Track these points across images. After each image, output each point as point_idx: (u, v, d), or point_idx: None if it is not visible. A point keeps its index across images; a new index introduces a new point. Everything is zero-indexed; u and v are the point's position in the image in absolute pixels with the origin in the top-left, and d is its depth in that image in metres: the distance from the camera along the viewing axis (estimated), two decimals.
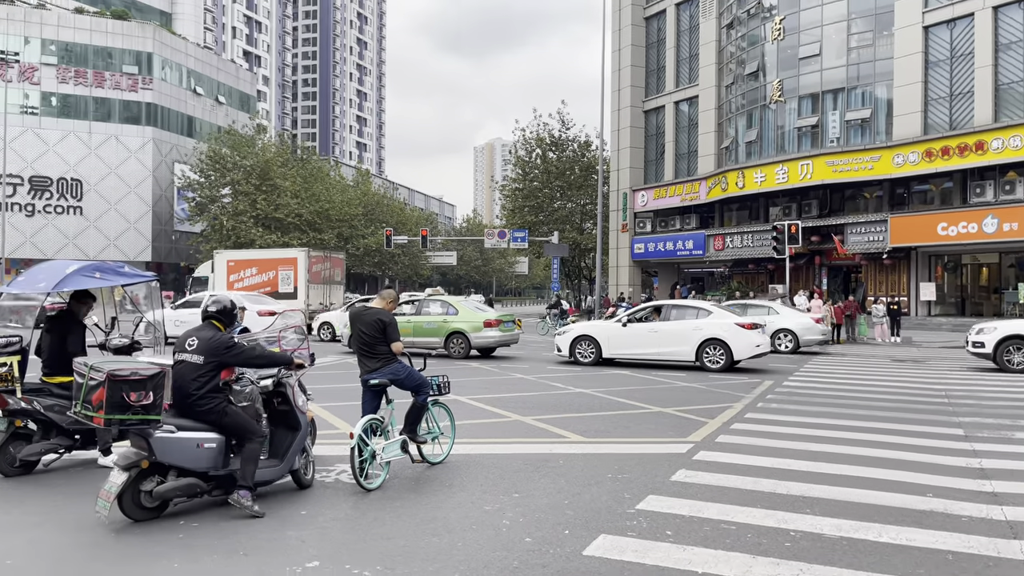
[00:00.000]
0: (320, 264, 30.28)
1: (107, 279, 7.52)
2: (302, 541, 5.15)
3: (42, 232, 54.32)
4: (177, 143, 60.62)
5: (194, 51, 64.62)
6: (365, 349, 7.12)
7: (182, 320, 20.75)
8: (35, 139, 54.45)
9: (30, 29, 55.37)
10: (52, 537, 5.25)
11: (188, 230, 58.76)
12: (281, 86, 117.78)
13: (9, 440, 6.92)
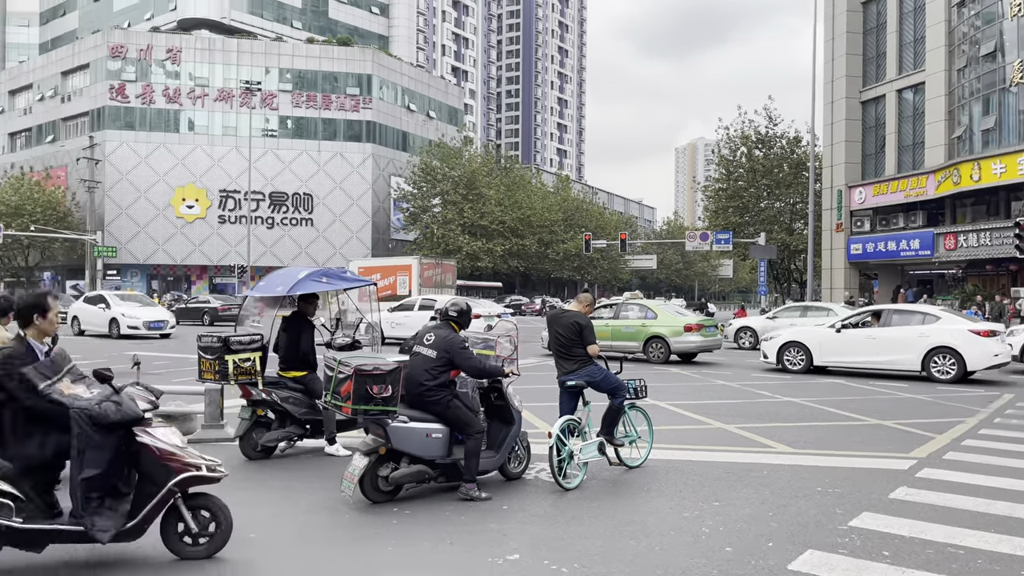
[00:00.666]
0: (431, 270, 32.76)
1: (332, 283, 8.30)
2: (503, 534, 5.35)
3: (280, 242, 60.38)
4: (393, 157, 64.95)
5: (408, 70, 68.98)
6: (562, 351, 7.27)
7: (398, 322, 22.22)
8: (274, 159, 60.69)
9: (270, 60, 61.87)
10: (290, 515, 5.85)
11: (403, 238, 62.76)
12: (486, 98, 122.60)
13: (252, 427, 7.80)
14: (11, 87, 68.09)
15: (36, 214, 52.71)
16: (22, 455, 4.39)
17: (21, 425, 4.42)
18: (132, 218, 58.04)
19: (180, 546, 4.73)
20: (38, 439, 4.44)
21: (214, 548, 4.78)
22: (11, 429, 4.40)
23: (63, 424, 4.39)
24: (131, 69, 59.08)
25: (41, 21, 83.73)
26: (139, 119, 59.04)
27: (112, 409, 4.45)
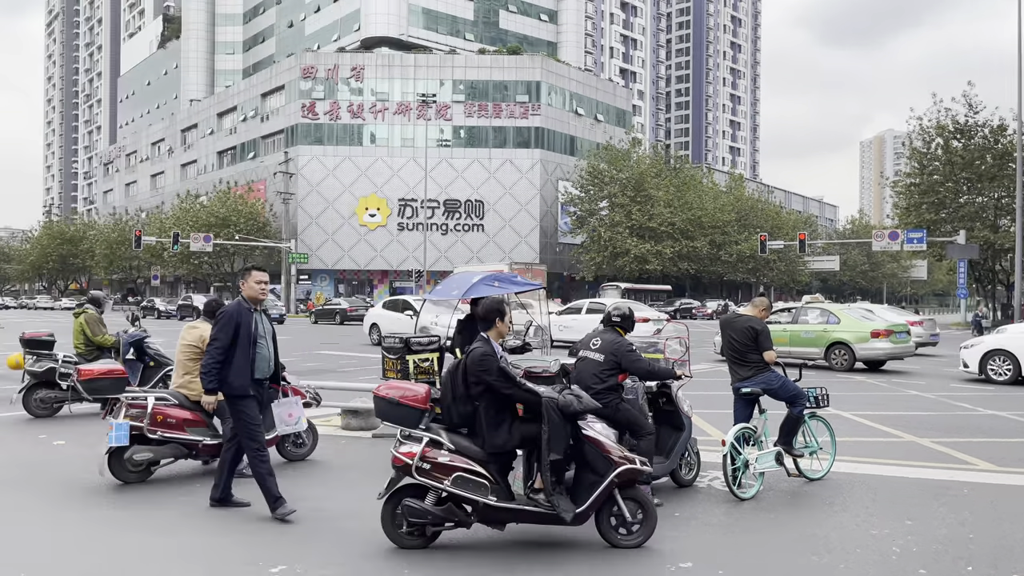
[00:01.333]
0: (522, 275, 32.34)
1: (504, 287, 8.55)
2: (676, 541, 5.28)
3: (453, 248, 62.68)
4: (560, 162, 65.59)
5: (576, 75, 69.43)
6: (736, 357, 7.06)
7: (565, 325, 22.40)
8: (448, 167, 63.13)
9: (444, 73, 64.44)
10: None
11: (570, 242, 63.19)
12: (655, 98, 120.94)
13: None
14: (219, 110, 75.38)
15: (240, 224, 57.97)
16: (494, 442, 5.00)
17: (498, 415, 5.05)
18: (321, 227, 62.42)
19: (613, 535, 5.14)
20: (507, 427, 5.04)
21: (644, 537, 5.14)
22: (491, 419, 5.02)
23: (531, 413, 5.05)
24: (320, 88, 63.63)
25: (244, 48, 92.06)
26: (327, 134, 63.45)
27: (575, 402, 5.05)
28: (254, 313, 5.80)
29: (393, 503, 5.03)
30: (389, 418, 5.25)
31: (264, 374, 5.82)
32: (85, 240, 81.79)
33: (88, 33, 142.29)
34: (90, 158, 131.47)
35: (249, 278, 5.88)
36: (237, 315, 5.70)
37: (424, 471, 4.86)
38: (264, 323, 5.89)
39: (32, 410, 10.36)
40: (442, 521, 4.95)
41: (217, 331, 5.68)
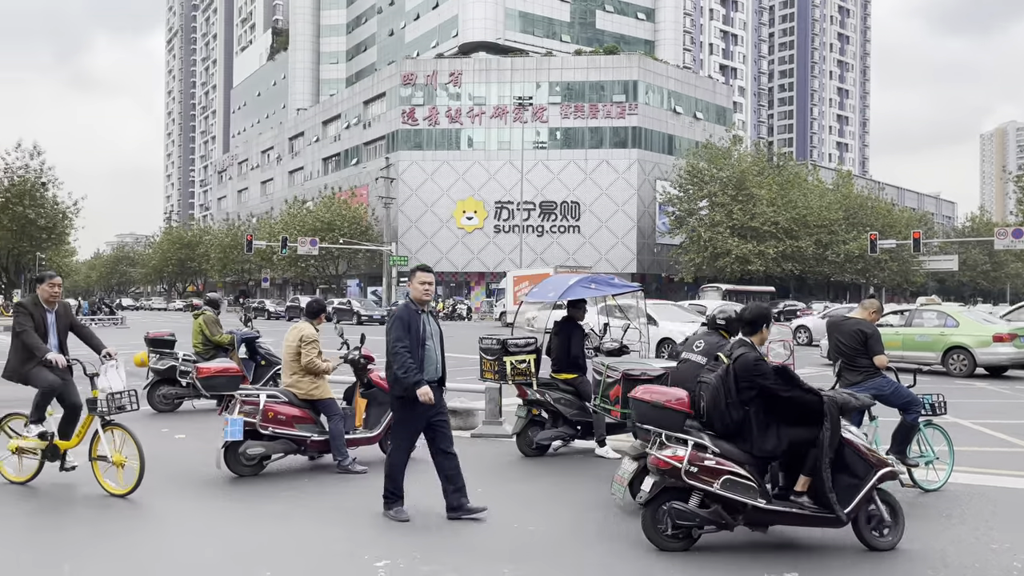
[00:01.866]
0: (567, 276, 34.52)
1: (600, 289, 8.54)
2: (781, 549, 5.15)
3: (549, 250, 62.78)
4: (658, 161, 64.67)
5: (674, 73, 68.34)
6: (844, 361, 6.80)
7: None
8: (544, 169, 63.30)
9: (540, 75, 64.69)
10: (565, 513, 6.11)
11: (668, 243, 62.21)
12: (757, 94, 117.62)
13: (528, 425, 8.24)
14: (323, 118, 78.16)
15: (343, 229, 59.89)
16: (763, 447, 5.08)
17: (767, 418, 5.13)
18: (420, 230, 63.75)
19: (871, 536, 5.16)
20: (775, 431, 5.11)
21: (897, 539, 5.18)
22: (760, 423, 5.11)
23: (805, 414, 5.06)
24: (419, 94, 65.03)
25: (347, 58, 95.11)
26: (426, 139, 64.77)
27: (852, 399, 5.23)
28: (421, 314, 5.79)
29: (653, 507, 5.11)
30: (650, 421, 5.31)
31: (432, 376, 5.77)
32: (201, 245, 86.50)
33: (204, 48, 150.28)
34: (206, 167, 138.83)
35: (415, 279, 5.86)
36: (407, 316, 5.70)
37: (692, 474, 4.92)
38: (431, 324, 5.87)
39: (155, 405, 11.04)
40: (708, 524, 5.01)
41: (395, 333, 5.64)
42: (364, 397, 7.97)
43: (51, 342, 6.84)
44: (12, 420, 6.93)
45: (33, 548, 5.28)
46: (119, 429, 6.37)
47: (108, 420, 6.37)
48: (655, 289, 59.76)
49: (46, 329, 6.85)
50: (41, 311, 6.86)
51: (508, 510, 6.08)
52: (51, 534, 5.54)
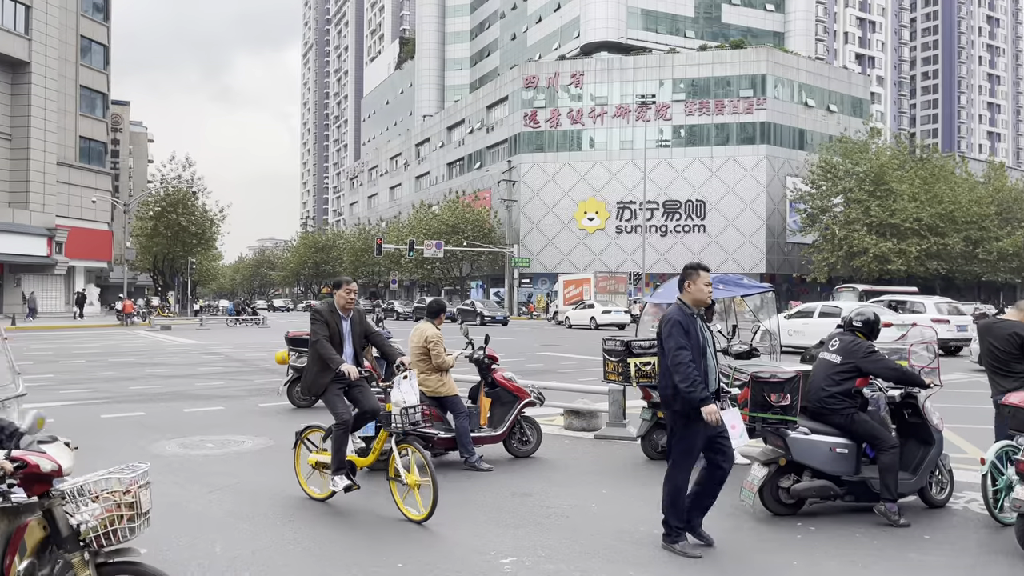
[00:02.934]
0: (605, 281, 45.74)
1: (729, 290, 8.31)
2: (924, 567, 4.85)
3: (673, 250, 61.63)
4: (788, 157, 62.25)
5: (805, 64, 65.57)
6: (997, 366, 6.32)
7: (795, 329, 21.24)
8: (667, 168, 62.24)
9: (663, 73, 63.66)
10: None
11: (800, 241, 59.75)
12: (897, 84, 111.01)
13: (653, 428, 8.13)
14: (448, 123, 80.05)
15: (467, 231, 61.10)
16: None
17: None
18: (542, 231, 64.13)
19: None
20: None
21: None
22: None
23: None
24: (541, 97, 65.44)
25: (471, 64, 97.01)
26: (547, 141, 65.10)
27: None
28: (697, 319, 5.21)
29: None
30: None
31: (713, 387, 5.17)
32: (335, 248, 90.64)
33: (336, 60, 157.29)
34: (338, 174, 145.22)
35: (699, 279, 5.27)
36: (685, 322, 5.10)
37: None
38: (705, 331, 5.29)
39: (294, 401, 11.65)
40: None
41: (675, 340, 5.04)
42: (488, 396, 8.10)
43: (346, 352, 6.43)
44: (311, 433, 6.66)
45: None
46: (412, 448, 5.85)
47: (403, 437, 5.91)
48: (786, 290, 57.53)
49: (341, 338, 6.42)
50: (337, 319, 6.43)
51: (634, 513, 6.03)
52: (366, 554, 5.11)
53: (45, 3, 44.86)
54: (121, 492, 3.07)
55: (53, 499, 3.06)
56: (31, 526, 3.11)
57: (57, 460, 3.11)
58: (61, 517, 3.05)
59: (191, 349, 24.30)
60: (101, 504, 3.04)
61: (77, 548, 3.05)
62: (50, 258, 45.14)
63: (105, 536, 3.03)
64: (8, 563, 3.06)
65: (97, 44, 52.52)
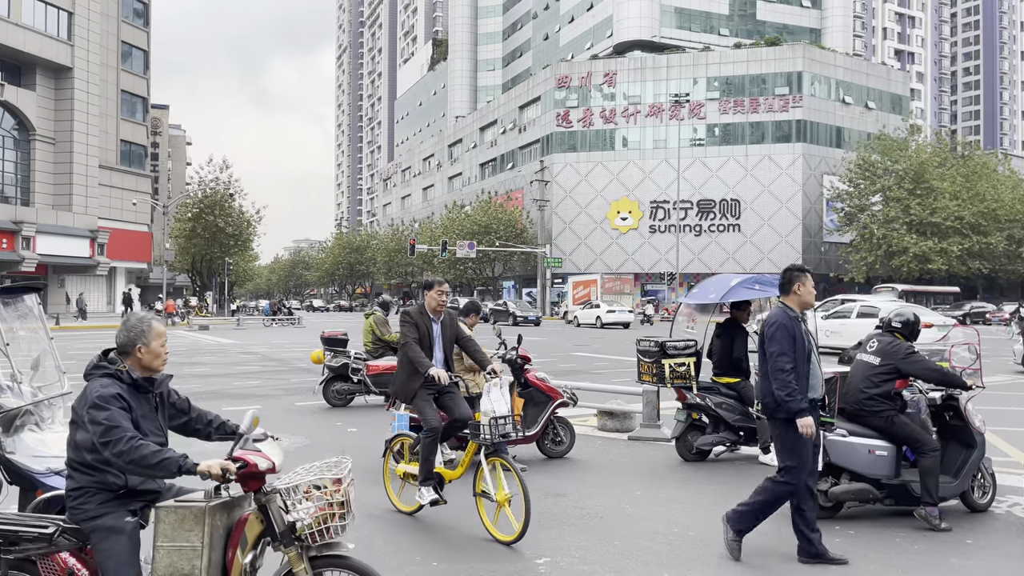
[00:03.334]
0: (611, 283, 48.61)
1: (765, 290, 8.20)
2: (966, 571, 4.76)
3: (707, 249, 61.13)
4: (825, 155, 61.38)
5: (842, 61, 64.61)
6: None
7: (833, 330, 20.96)
8: (701, 167, 61.72)
9: (697, 71, 63.14)
10: None
11: (837, 240, 58.88)
12: (938, 80, 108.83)
13: (687, 430, 8.08)
14: (481, 124, 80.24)
15: (499, 231, 61.20)
16: None
17: None
18: (574, 231, 64.00)
19: None
20: None
21: None
22: None
23: None
24: (574, 96, 65.30)
25: (503, 64, 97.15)
26: (580, 141, 64.94)
27: None
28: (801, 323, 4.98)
29: None
30: None
31: (819, 393, 5.00)
32: (368, 249, 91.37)
33: (370, 62, 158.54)
34: (372, 175, 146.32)
35: (808, 281, 5.10)
36: (791, 326, 4.88)
37: None
38: (810, 336, 5.06)
39: (330, 400, 11.78)
40: None
41: (778, 345, 4.82)
42: (521, 396, 8.11)
43: (436, 356, 6.16)
44: (400, 441, 6.33)
45: None
46: (502, 461, 5.42)
47: (492, 450, 5.44)
48: (823, 290, 56.70)
49: (431, 341, 6.12)
50: (427, 321, 6.13)
51: (668, 514, 6.00)
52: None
53: (87, 9, 45.87)
54: (333, 491, 3.20)
55: (268, 495, 3.22)
56: (250, 520, 3.27)
57: (271, 458, 3.28)
58: (276, 513, 3.21)
59: (228, 349, 24.67)
60: (315, 503, 3.17)
61: (292, 543, 3.19)
62: (92, 259, 46.15)
63: (319, 533, 3.17)
64: (231, 556, 3.23)
65: (137, 49, 53.60)
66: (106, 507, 3.19)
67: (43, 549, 3.20)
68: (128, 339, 3.40)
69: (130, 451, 3.06)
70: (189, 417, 3.60)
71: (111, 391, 3.21)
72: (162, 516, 3.15)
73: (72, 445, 3.25)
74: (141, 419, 3.30)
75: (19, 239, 41.40)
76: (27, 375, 4.86)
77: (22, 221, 41.42)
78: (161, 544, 3.13)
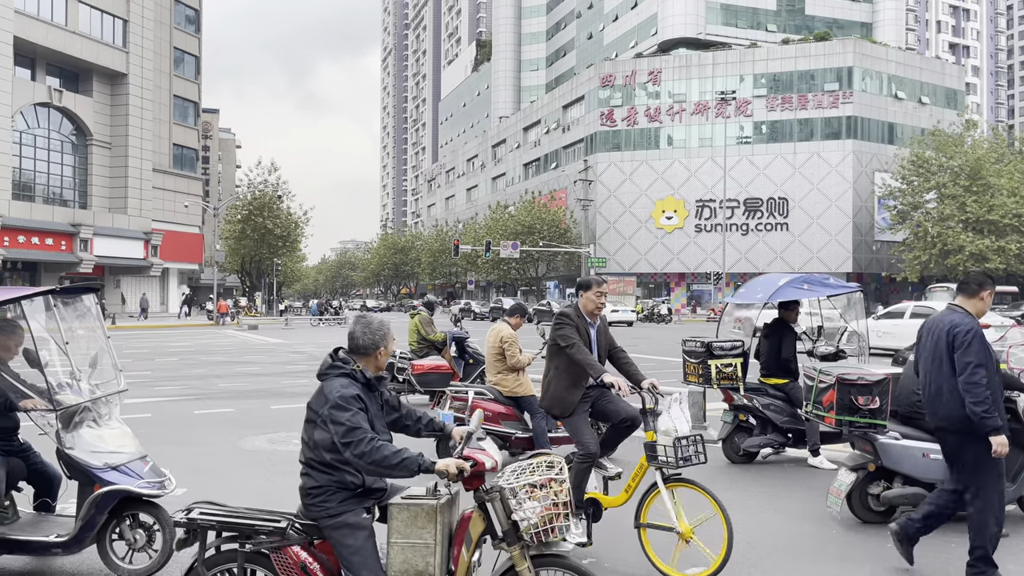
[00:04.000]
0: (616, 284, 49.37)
1: (814, 290, 8.06)
2: None
3: (754, 249, 60.23)
4: (877, 152, 60.02)
5: (894, 55, 63.10)
6: None
7: (885, 331, 20.48)
8: (748, 165, 60.83)
9: (744, 68, 62.25)
10: (775, 523, 5.87)
11: (889, 239, 57.52)
12: (994, 74, 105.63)
13: (734, 431, 7.98)
14: (524, 124, 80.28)
15: (543, 232, 61.14)
16: None
17: None
18: (619, 231, 63.63)
19: None
20: None
21: None
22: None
23: None
24: (618, 95, 64.93)
25: (547, 64, 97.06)
26: (624, 140, 64.54)
27: None
28: None
29: None
30: None
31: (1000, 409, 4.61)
32: (413, 250, 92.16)
33: (415, 64, 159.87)
34: (416, 176, 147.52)
35: (993, 289, 4.80)
36: (982, 334, 4.56)
37: None
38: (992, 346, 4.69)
39: None
40: None
41: (975, 355, 4.45)
42: None
43: None
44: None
45: None
46: (688, 487, 4.71)
47: (674, 475, 4.74)
48: (874, 290, 55.50)
49: (590, 347, 5.36)
50: (585, 324, 5.40)
51: None
52: None
53: (141, 17, 47.11)
54: (557, 490, 3.20)
55: (490, 493, 3.26)
56: (474, 518, 3.34)
57: (494, 457, 3.35)
58: (499, 511, 3.24)
59: (277, 348, 25.11)
60: (540, 502, 3.17)
61: (516, 541, 3.22)
62: (146, 260, 47.38)
63: (544, 532, 3.17)
64: (456, 553, 3.31)
65: (189, 55, 54.85)
66: (346, 505, 3.29)
67: (276, 543, 3.31)
68: (373, 341, 3.47)
69: (372, 452, 3.14)
70: (400, 414, 3.66)
71: (351, 391, 3.28)
72: (395, 513, 3.24)
73: (310, 444, 3.34)
74: (374, 419, 3.38)
75: (77, 241, 42.69)
76: (85, 373, 5.01)
77: (80, 224, 42.69)
78: (395, 541, 3.22)
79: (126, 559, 4.66)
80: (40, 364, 4.63)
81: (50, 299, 4.89)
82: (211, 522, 3.34)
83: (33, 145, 42.91)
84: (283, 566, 3.32)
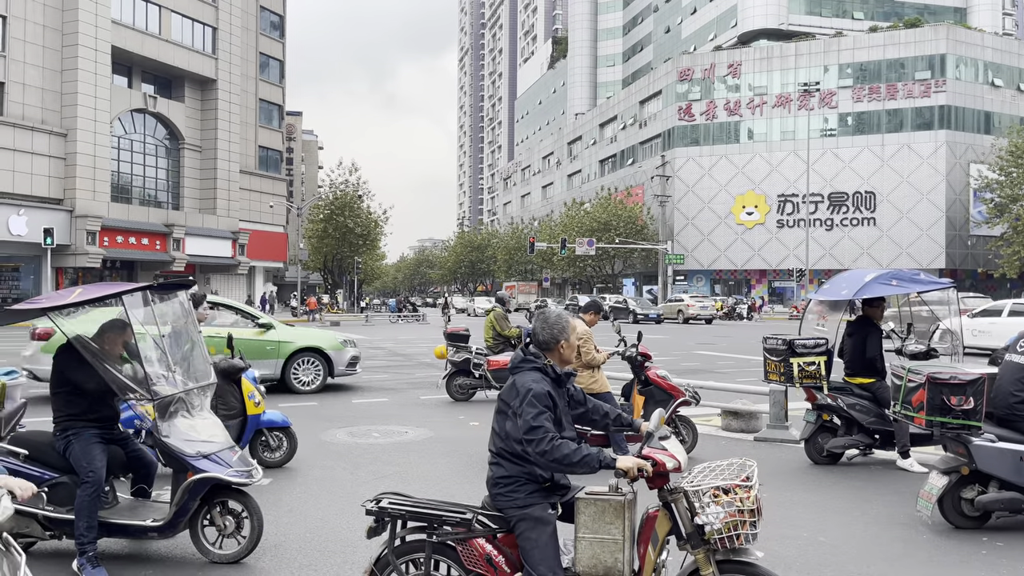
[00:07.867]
0: None
1: (904, 286, 7.76)
2: None
3: (839, 244, 58.25)
4: (972, 143, 57.22)
5: (991, 41, 59.99)
6: None
7: (981, 329, 19.57)
8: (833, 158, 58.87)
9: (828, 58, 60.25)
10: (860, 525, 5.68)
11: (986, 234, 54.77)
12: None
13: (817, 431, 7.76)
14: (600, 120, 79.74)
15: (620, 228, 60.63)
16: None
17: None
18: (697, 227, 62.53)
19: None
20: None
21: None
22: None
23: None
24: (696, 89, 63.78)
25: (623, 59, 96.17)
26: (703, 134, 63.36)
27: None
28: None
29: None
30: None
31: None
32: (489, 247, 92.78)
33: (491, 63, 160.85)
34: (492, 174, 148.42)
35: None
36: None
37: None
38: None
39: (452, 394, 12.07)
40: None
41: None
42: (642, 394, 8.02)
43: None
44: None
45: None
46: None
47: None
48: (969, 286, 52.91)
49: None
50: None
51: (796, 518, 5.78)
52: None
53: (229, 24, 48.85)
54: (743, 496, 3.13)
55: (674, 494, 3.23)
56: (659, 518, 3.30)
57: (677, 457, 3.30)
58: (683, 513, 3.22)
59: (358, 344, 25.66)
60: (724, 508, 3.11)
61: (701, 545, 3.17)
62: (234, 259, 49.09)
63: (728, 539, 3.10)
64: (643, 551, 3.31)
65: (274, 60, 56.59)
66: (533, 498, 3.32)
67: (461, 534, 3.37)
68: (552, 335, 3.47)
69: (552, 451, 3.16)
70: (586, 408, 3.64)
71: (543, 388, 3.29)
72: (582, 508, 3.24)
73: (501, 435, 3.40)
74: (562, 414, 3.39)
75: (171, 240, 44.54)
76: (179, 365, 5.25)
77: (173, 224, 44.54)
78: (583, 536, 3.22)
79: (216, 544, 4.88)
80: (139, 356, 4.87)
81: (148, 294, 5.14)
82: (400, 512, 3.39)
83: (130, 150, 44.99)
84: (469, 558, 3.36)
